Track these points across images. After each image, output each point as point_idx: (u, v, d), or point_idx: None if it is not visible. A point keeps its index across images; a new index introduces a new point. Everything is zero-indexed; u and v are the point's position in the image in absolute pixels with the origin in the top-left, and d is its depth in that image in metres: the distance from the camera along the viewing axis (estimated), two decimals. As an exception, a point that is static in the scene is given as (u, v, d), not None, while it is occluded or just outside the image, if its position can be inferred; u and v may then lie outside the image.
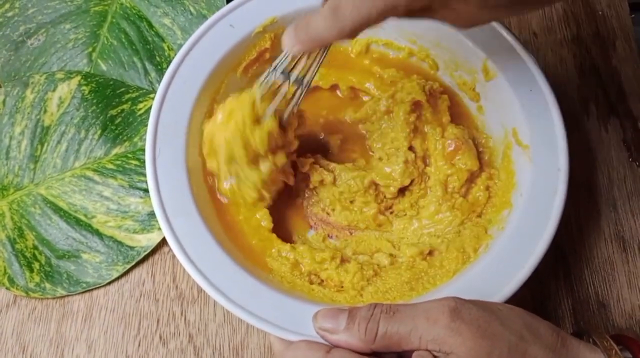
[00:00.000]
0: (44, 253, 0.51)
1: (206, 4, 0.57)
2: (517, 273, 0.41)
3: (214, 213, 0.46)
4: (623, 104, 0.57)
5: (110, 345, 0.49)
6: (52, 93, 0.54)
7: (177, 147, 0.45)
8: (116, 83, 0.55)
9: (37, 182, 0.52)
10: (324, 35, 0.36)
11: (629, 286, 0.50)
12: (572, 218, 0.52)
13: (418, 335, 0.33)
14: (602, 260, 0.51)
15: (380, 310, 0.35)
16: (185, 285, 0.50)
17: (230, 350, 0.48)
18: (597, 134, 0.55)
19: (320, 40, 0.37)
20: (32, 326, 0.49)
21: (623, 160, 0.54)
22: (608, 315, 0.49)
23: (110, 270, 0.50)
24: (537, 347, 0.34)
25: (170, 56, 0.56)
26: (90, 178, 0.52)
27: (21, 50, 0.57)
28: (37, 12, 0.58)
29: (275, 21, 0.50)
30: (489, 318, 0.34)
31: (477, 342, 0.33)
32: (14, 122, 0.53)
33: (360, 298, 0.43)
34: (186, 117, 0.46)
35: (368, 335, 0.34)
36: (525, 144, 0.46)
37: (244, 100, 0.42)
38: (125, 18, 0.58)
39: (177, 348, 0.48)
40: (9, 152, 0.53)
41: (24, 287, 0.50)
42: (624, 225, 0.52)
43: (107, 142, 0.53)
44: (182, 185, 0.44)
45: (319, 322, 0.37)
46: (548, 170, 0.44)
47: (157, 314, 0.49)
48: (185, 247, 0.42)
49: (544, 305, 0.49)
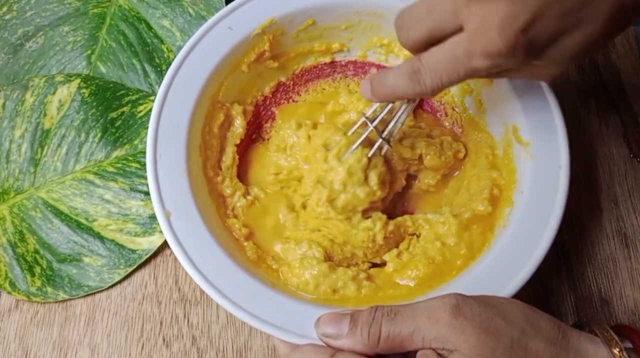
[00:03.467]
0: (45, 257, 0.50)
1: (205, 6, 0.57)
2: (520, 272, 0.41)
3: (216, 216, 0.46)
4: (623, 99, 0.57)
5: (113, 349, 0.49)
6: (52, 96, 0.54)
7: (178, 149, 0.45)
8: (116, 85, 0.55)
9: (38, 186, 0.52)
10: (401, 95, 0.39)
11: (631, 282, 0.50)
12: (574, 215, 0.52)
13: (421, 335, 0.34)
14: (604, 257, 0.51)
15: (381, 313, 0.35)
16: (187, 288, 0.50)
17: (234, 352, 0.48)
18: (597, 130, 0.55)
19: (397, 97, 0.40)
20: (34, 330, 0.49)
21: (624, 156, 0.54)
22: (611, 311, 0.49)
23: (112, 273, 0.50)
24: (539, 340, 0.34)
25: (170, 58, 0.56)
26: (91, 181, 0.52)
27: (20, 53, 0.57)
28: (35, 15, 0.58)
29: (274, 22, 0.49)
30: (490, 314, 0.34)
31: (480, 337, 0.33)
32: (14, 125, 0.53)
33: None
34: (187, 120, 0.46)
35: (371, 339, 0.35)
36: (526, 141, 0.46)
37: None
38: (124, 20, 0.58)
39: (180, 351, 0.48)
40: (9, 155, 0.53)
41: (25, 292, 0.50)
42: (626, 221, 0.52)
43: (108, 145, 0.53)
44: (183, 187, 0.44)
45: (322, 328, 0.37)
46: (549, 167, 0.44)
47: (160, 317, 0.49)
48: (187, 250, 0.42)
49: (546, 302, 0.49)
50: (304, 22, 0.51)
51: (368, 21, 0.51)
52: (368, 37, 0.53)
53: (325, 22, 0.51)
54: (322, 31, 0.52)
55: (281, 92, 0.54)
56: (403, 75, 0.37)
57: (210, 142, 0.48)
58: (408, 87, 0.37)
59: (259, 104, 0.53)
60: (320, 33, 0.52)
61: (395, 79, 0.38)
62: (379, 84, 0.39)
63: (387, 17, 0.51)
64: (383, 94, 0.40)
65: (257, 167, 0.51)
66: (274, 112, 0.54)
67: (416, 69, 0.36)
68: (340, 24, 0.52)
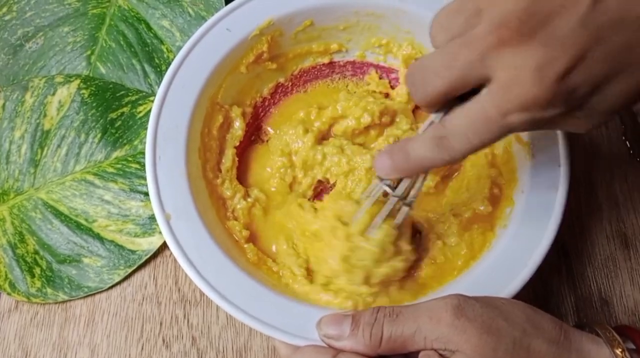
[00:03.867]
0: (45, 258, 0.50)
1: (205, 6, 0.57)
2: (521, 272, 0.41)
3: (215, 218, 0.46)
4: (623, 99, 0.56)
5: (113, 349, 0.49)
6: (51, 97, 0.54)
7: (177, 151, 0.45)
8: (116, 86, 0.55)
9: (38, 187, 0.52)
10: (429, 165, 0.35)
11: (631, 282, 0.50)
12: (574, 215, 0.52)
13: (422, 335, 0.34)
14: (604, 257, 0.51)
15: (383, 314, 0.35)
16: (187, 288, 0.50)
17: (234, 353, 0.48)
18: (597, 130, 0.55)
19: (423, 169, 0.36)
20: (34, 331, 0.49)
21: (624, 156, 0.54)
22: (611, 311, 0.49)
23: (112, 274, 0.50)
24: (541, 340, 0.34)
25: (169, 58, 0.56)
26: (90, 182, 0.52)
27: (19, 54, 0.57)
28: (35, 16, 0.58)
29: (272, 23, 0.49)
30: (492, 314, 0.34)
31: (482, 338, 0.33)
32: (13, 126, 0.53)
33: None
34: (186, 121, 0.46)
35: (373, 340, 0.35)
36: (526, 141, 0.46)
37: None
38: (123, 20, 0.57)
39: (180, 351, 0.48)
40: (9, 156, 0.53)
41: (25, 292, 0.49)
42: (626, 221, 0.52)
43: (108, 146, 0.53)
44: (183, 189, 0.44)
45: (323, 329, 0.37)
46: (549, 166, 0.44)
47: (160, 317, 0.49)
48: (186, 251, 0.42)
49: (546, 302, 0.49)
50: (302, 23, 0.51)
51: (366, 22, 0.51)
52: (366, 38, 0.53)
53: (323, 23, 0.51)
54: (321, 32, 0.52)
55: (280, 93, 0.54)
56: (428, 144, 0.33)
57: (209, 144, 0.48)
58: (436, 157, 0.33)
59: (257, 105, 0.53)
60: (319, 34, 0.52)
61: (419, 150, 0.34)
62: (402, 158, 0.35)
63: (385, 18, 0.51)
64: (407, 169, 0.36)
65: (257, 168, 0.51)
66: (273, 112, 0.54)
67: (442, 135, 0.33)
68: (339, 25, 0.52)
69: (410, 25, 0.50)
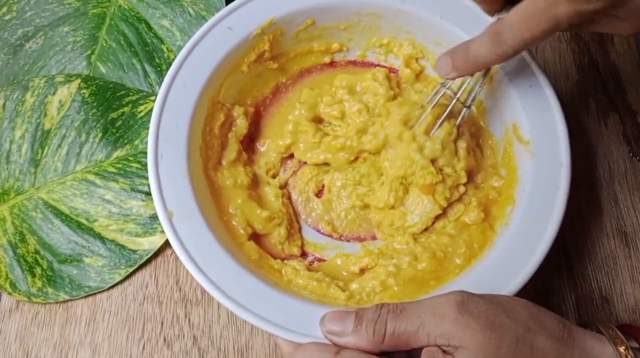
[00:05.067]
0: (45, 258, 0.50)
1: (205, 5, 0.57)
2: (522, 270, 0.41)
3: (217, 215, 0.46)
4: (622, 98, 0.57)
5: (114, 349, 0.48)
6: (52, 96, 0.54)
7: (179, 150, 0.45)
8: (116, 86, 0.55)
9: (38, 186, 0.52)
10: (484, 61, 0.38)
11: (632, 281, 0.50)
12: (574, 214, 0.52)
13: (426, 331, 0.34)
14: (605, 255, 0.51)
15: (387, 310, 0.35)
16: (188, 287, 0.50)
17: (235, 352, 0.48)
18: (597, 129, 0.56)
19: (480, 65, 0.39)
20: (35, 331, 0.49)
21: (623, 155, 0.55)
22: (611, 309, 0.49)
23: (113, 274, 0.50)
24: (544, 337, 0.34)
25: (170, 58, 0.56)
26: (91, 181, 0.52)
27: (20, 54, 0.57)
28: (35, 15, 0.58)
29: (274, 22, 0.49)
30: (496, 311, 0.34)
31: (485, 334, 0.33)
32: (14, 126, 0.53)
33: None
34: (187, 121, 0.46)
35: (376, 336, 0.35)
36: (526, 139, 0.46)
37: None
38: (123, 20, 0.57)
39: (181, 351, 0.48)
40: (9, 156, 0.53)
41: (26, 292, 0.49)
42: (626, 220, 0.52)
43: (108, 145, 0.53)
44: (185, 188, 0.44)
45: (326, 325, 0.37)
46: (550, 165, 0.45)
47: (161, 317, 0.49)
48: (188, 249, 0.42)
49: (547, 300, 0.50)
50: (303, 23, 0.51)
51: (367, 21, 0.52)
52: (367, 37, 0.53)
53: (324, 23, 0.51)
54: (322, 31, 0.52)
55: (281, 92, 0.54)
56: (484, 40, 0.37)
57: (211, 142, 0.48)
58: (490, 51, 0.37)
59: (258, 104, 0.53)
60: (320, 33, 0.52)
61: (477, 46, 0.38)
62: (461, 56, 0.39)
63: (386, 18, 0.51)
64: (466, 67, 0.39)
65: (275, 124, 0.53)
66: (273, 112, 0.54)
67: (497, 31, 0.36)
68: (340, 24, 0.52)
69: (411, 25, 0.51)
